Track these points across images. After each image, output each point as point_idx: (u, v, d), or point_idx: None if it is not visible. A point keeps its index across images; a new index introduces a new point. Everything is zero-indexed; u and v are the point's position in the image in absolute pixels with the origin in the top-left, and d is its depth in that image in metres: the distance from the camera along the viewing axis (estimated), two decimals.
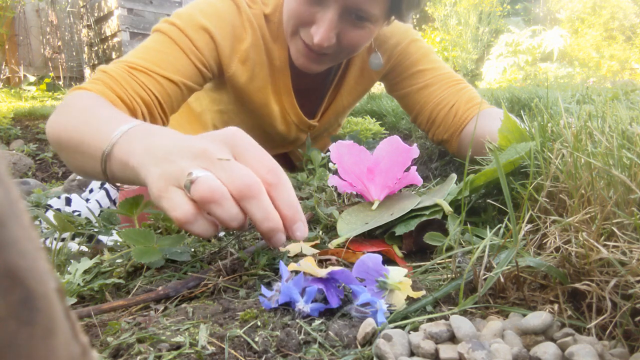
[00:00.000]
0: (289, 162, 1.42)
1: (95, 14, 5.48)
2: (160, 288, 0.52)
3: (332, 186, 0.80)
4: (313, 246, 0.64)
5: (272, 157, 0.54)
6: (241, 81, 1.06)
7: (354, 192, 0.84)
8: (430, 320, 0.42)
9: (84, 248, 0.79)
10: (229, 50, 1.01)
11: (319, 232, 0.71)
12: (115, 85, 0.86)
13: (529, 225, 0.49)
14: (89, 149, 0.68)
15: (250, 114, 1.17)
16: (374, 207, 0.73)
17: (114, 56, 5.19)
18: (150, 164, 0.53)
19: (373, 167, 0.73)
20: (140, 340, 0.40)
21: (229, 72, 1.03)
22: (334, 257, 0.59)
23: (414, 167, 0.74)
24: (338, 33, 0.93)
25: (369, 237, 0.68)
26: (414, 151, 0.71)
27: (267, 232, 0.50)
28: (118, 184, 0.71)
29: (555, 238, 0.46)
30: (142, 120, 0.86)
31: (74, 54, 5.83)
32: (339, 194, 0.86)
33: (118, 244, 0.73)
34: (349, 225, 0.68)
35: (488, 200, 0.65)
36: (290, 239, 0.54)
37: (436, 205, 0.66)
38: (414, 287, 0.48)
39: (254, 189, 0.49)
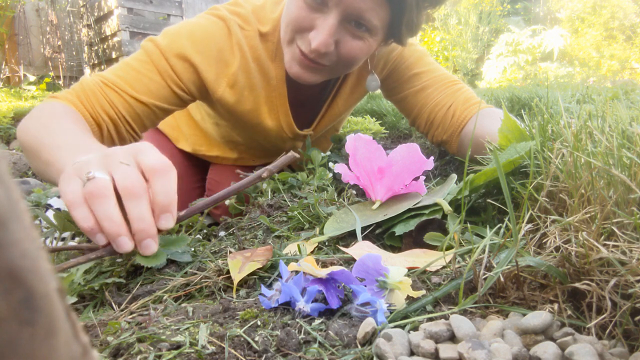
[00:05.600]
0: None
1: (95, 14, 5.47)
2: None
3: (337, 173, 0.80)
4: (313, 251, 0.64)
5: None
6: (230, 103, 1.07)
7: (354, 192, 0.84)
8: (430, 319, 0.42)
9: None
10: (214, 75, 1.02)
11: (317, 231, 0.71)
12: (85, 99, 0.93)
13: (529, 225, 0.49)
14: (53, 169, 0.74)
15: (244, 127, 1.18)
16: (375, 207, 0.73)
17: (114, 55, 5.19)
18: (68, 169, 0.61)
19: (385, 168, 0.73)
20: (140, 340, 0.41)
21: (216, 95, 1.04)
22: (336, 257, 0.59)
23: (423, 177, 0.74)
24: (337, 42, 0.93)
25: (365, 238, 0.68)
26: (429, 163, 0.72)
27: (137, 231, 0.55)
28: None
29: (555, 237, 0.46)
30: (108, 134, 0.95)
31: (74, 53, 5.83)
32: (339, 194, 0.86)
33: None
34: (340, 224, 0.68)
35: (488, 200, 0.65)
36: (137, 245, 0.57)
37: (436, 204, 0.66)
38: (414, 287, 0.48)
39: (137, 189, 0.56)
